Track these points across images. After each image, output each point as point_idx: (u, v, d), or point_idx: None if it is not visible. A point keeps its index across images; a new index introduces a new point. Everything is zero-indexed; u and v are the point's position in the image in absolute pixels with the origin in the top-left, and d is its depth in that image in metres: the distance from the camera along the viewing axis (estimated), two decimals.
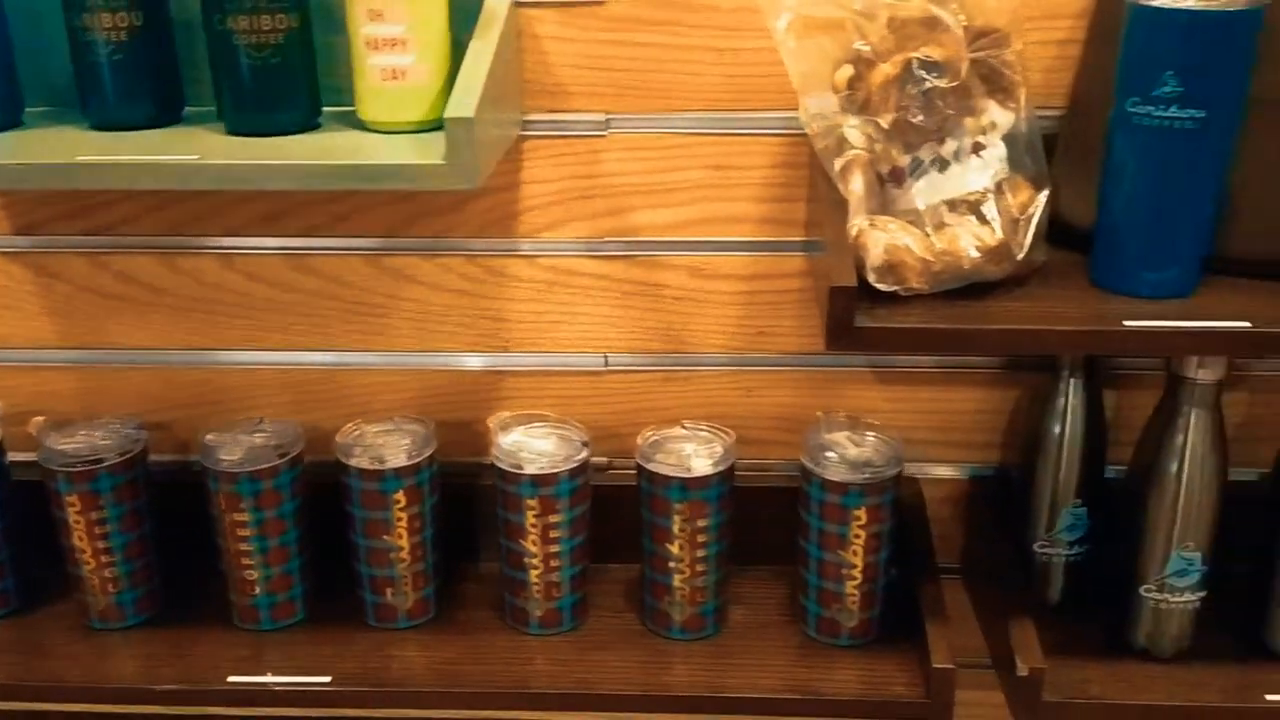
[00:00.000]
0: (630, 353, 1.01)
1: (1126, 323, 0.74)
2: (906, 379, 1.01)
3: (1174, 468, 0.84)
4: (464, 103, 0.71)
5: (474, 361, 1.01)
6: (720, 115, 0.92)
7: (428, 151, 0.72)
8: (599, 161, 0.94)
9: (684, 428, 0.95)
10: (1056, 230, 0.84)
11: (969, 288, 0.79)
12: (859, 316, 0.75)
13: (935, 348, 0.76)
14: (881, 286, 0.76)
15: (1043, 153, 0.82)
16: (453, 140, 0.71)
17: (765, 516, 0.98)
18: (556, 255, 0.97)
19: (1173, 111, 0.71)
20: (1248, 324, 0.73)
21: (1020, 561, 0.95)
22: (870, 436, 0.92)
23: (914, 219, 0.78)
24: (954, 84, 0.76)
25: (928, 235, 0.77)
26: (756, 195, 0.94)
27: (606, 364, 1.02)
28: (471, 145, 0.71)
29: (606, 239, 0.97)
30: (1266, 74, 0.74)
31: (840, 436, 0.92)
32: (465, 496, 1.00)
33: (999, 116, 0.81)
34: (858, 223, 0.77)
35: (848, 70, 0.80)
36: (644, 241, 0.97)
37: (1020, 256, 0.78)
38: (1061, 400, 0.91)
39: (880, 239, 0.76)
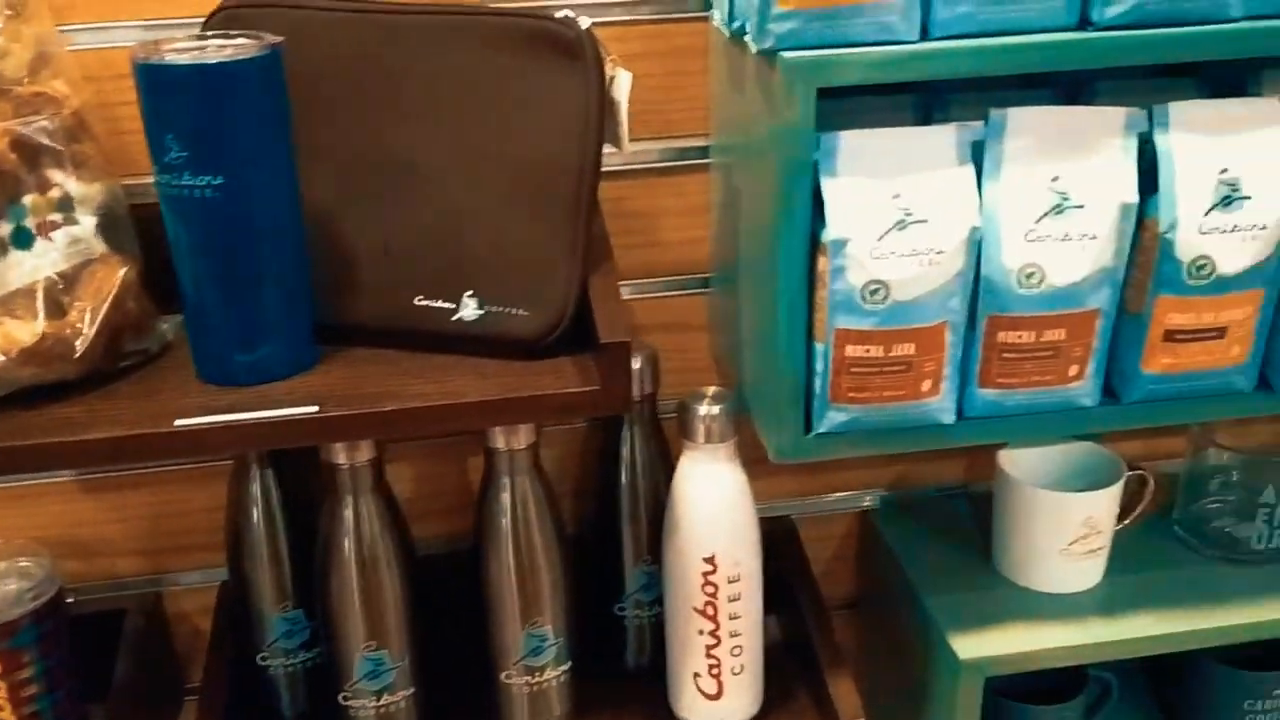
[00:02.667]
0: None
1: (178, 422, 0.65)
2: (116, 485, 0.88)
3: (343, 558, 0.76)
4: None
5: None
6: None
7: None
8: None
9: None
10: None
11: (46, 390, 0.68)
12: None
13: None
14: None
15: (131, 228, 0.72)
16: None
17: None
18: None
19: (186, 179, 0.63)
20: (315, 408, 0.66)
21: (251, 675, 0.85)
22: (25, 563, 0.79)
23: None
24: None
25: None
26: None
27: None
28: None
29: None
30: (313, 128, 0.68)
31: None
32: None
33: (79, 190, 0.70)
34: None
35: None
36: None
37: (81, 350, 0.67)
38: (252, 492, 0.81)
39: None
